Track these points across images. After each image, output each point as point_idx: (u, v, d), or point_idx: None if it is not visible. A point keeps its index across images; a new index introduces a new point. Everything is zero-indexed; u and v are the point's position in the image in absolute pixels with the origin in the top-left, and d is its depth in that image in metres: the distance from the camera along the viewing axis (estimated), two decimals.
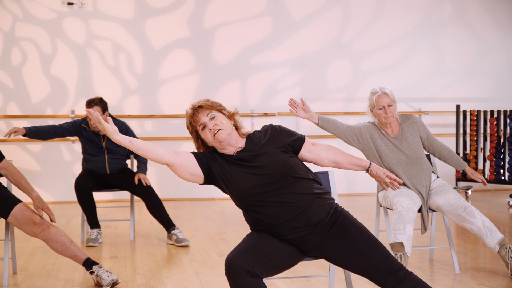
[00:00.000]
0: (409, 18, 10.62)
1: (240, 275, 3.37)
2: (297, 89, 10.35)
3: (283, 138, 3.76)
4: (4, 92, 9.71)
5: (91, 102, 6.76)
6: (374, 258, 3.53)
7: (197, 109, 3.76)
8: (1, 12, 9.69)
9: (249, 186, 3.57)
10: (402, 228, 5.03)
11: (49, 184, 9.74)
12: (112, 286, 4.99)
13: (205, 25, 10.15)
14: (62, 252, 5.06)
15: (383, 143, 5.31)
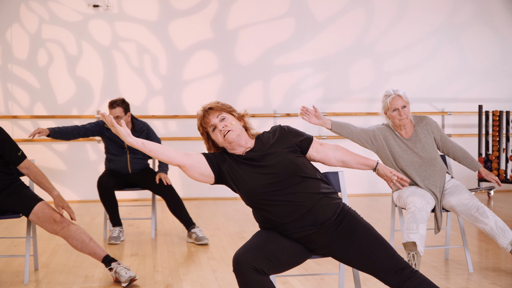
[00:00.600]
0: (431, 18, 10.63)
1: (247, 272, 3.47)
2: (320, 89, 10.42)
3: (291, 138, 3.84)
4: (30, 93, 9.91)
5: (113, 103, 6.92)
6: (380, 256, 3.60)
7: (207, 111, 3.84)
8: (28, 14, 9.88)
9: (257, 185, 3.66)
10: (415, 228, 5.08)
11: (74, 183, 9.92)
12: (130, 283, 5.11)
13: (228, 26, 10.27)
14: (82, 249, 5.19)
15: (397, 145, 5.36)
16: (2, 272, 5.59)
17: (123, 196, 9.72)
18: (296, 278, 5.27)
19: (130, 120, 7.07)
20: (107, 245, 6.76)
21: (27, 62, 9.91)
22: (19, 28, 9.88)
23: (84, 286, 5.17)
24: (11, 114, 9.85)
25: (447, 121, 10.65)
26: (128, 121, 7.04)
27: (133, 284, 5.17)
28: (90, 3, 9.98)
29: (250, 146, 3.83)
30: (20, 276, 5.42)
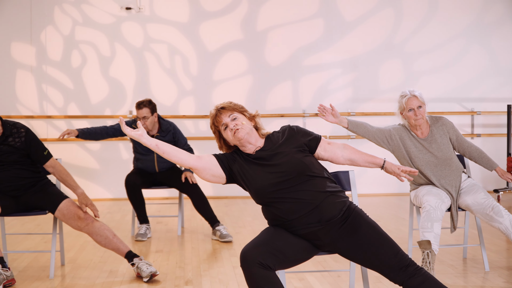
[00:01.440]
0: (461, 18, 10.64)
1: (253, 267, 3.60)
2: (349, 89, 10.51)
3: (299, 138, 3.98)
4: (64, 93, 10.16)
5: (140, 104, 7.10)
6: (384, 253, 3.70)
7: (220, 110, 4.03)
8: (62, 16, 10.14)
9: (266, 184, 3.80)
10: (429, 227, 5.15)
11: (107, 182, 10.15)
12: (151, 278, 5.27)
13: (258, 27, 10.40)
14: (106, 245, 5.38)
15: (413, 144, 5.44)
16: (30, 267, 5.80)
17: (153, 195, 9.93)
18: (313, 274, 5.39)
19: (157, 120, 7.24)
20: (134, 241, 6.94)
21: (61, 64, 10.17)
22: (53, 30, 10.14)
23: (107, 281, 5.35)
24: (45, 114, 10.11)
25: (476, 120, 10.65)
26: (155, 122, 7.21)
27: (154, 279, 5.34)
28: (122, 5, 10.20)
29: (260, 146, 3.97)
30: (46, 271, 5.62)
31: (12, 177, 5.39)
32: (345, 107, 10.43)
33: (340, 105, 10.41)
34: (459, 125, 10.55)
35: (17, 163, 5.42)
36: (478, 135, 10.57)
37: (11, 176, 5.38)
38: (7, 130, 5.39)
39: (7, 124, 5.42)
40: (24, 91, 10.13)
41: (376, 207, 9.19)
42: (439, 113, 10.32)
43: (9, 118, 9.81)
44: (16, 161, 5.41)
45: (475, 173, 10.18)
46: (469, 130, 10.64)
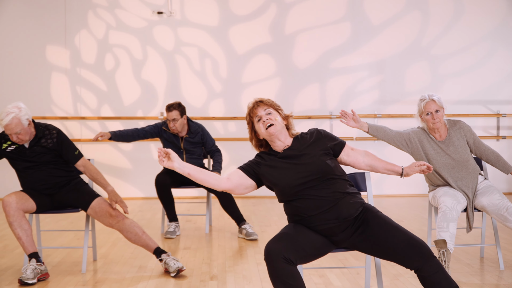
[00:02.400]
0: (486, 21, 10.77)
1: (277, 261, 3.82)
2: (375, 91, 10.69)
3: (326, 141, 4.22)
4: (98, 95, 10.49)
5: (170, 107, 7.38)
6: (395, 240, 3.88)
7: (258, 103, 4.26)
8: (96, 21, 10.47)
9: (292, 182, 4.04)
10: (445, 226, 5.34)
11: (139, 181, 10.45)
12: (178, 273, 5.53)
13: (286, 31, 10.63)
14: (135, 241, 5.65)
15: (431, 147, 5.63)
16: (63, 262, 6.09)
17: (183, 194, 10.22)
18: (333, 271, 5.60)
19: (186, 122, 7.50)
20: (164, 239, 7.20)
21: (94, 66, 10.49)
22: (87, 34, 10.47)
23: (137, 276, 5.61)
24: (79, 115, 10.45)
25: (502, 123, 10.76)
26: (184, 124, 7.47)
27: (180, 274, 5.59)
28: (154, 10, 10.50)
29: (288, 144, 4.21)
30: (79, 266, 5.90)
31: (46, 176, 5.67)
32: (372, 109, 10.62)
33: (367, 107, 10.60)
34: (484, 127, 10.69)
35: (51, 163, 5.70)
36: (503, 137, 10.69)
37: (46, 176, 5.67)
38: (39, 132, 5.68)
39: (39, 126, 5.71)
40: (58, 93, 10.48)
41: (401, 207, 9.37)
42: (465, 115, 10.47)
43: (44, 119, 10.18)
44: (50, 161, 5.69)
45: (495, 175, 10.29)
46: (494, 132, 10.77)
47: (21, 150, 5.62)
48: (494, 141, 10.73)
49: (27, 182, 5.68)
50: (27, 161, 5.63)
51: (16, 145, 5.62)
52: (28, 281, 5.26)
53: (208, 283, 5.38)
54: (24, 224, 5.41)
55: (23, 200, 5.48)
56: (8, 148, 5.60)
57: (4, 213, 5.47)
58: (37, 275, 5.36)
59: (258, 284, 5.31)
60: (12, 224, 5.39)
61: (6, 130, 5.48)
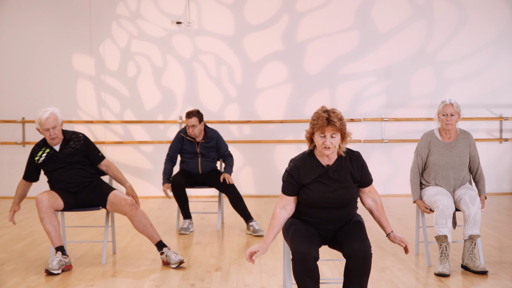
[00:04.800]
0: (490, 28, 11.27)
1: (310, 262, 4.39)
2: (383, 96, 11.26)
3: (361, 174, 4.60)
4: (121, 100, 11.20)
5: (190, 114, 8.04)
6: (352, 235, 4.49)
7: (330, 123, 4.42)
8: (119, 30, 11.17)
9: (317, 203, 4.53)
10: (444, 223, 5.97)
11: (159, 181, 11.11)
12: (179, 265, 6.19)
13: (297, 39, 11.25)
14: (142, 231, 6.31)
15: (435, 147, 6.26)
16: (86, 255, 6.78)
17: (199, 193, 10.89)
18: (327, 264, 6.21)
19: (203, 128, 8.15)
20: (178, 235, 7.86)
21: (118, 73, 11.20)
22: (111, 43, 11.18)
23: (150, 268, 6.27)
24: (104, 119, 11.16)
25: (505, 126, 11.27)
26: (201, 129, 8.12)
27: (190, 265, 6.25)
28: (173, 20, 11.17)
29: (330, 163, 4.55)
30: (99, 258, 6.59)
31: (75, 176, 6.39)
32: (379, 113, 11.19)
33: (374, 111, 11.19)
34: (488, 130, 11.21)
35: (79, 163, 6.43)
36: (506, 139, 11.21)
37: (74, 175, 6.38)
38: (67, 135, 6.43)
39: (66, 131, 6.43)
40: (84, 98, 11.20)
41: (403, 207, 9.93)
42: (469, 119, 11.01)
43: (71, 123, 10.94)
44: (78, 162, 6.42)
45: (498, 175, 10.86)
46: (497, 135, 11.28)
47: (53, 154, 6.34)
48: (497, 143, 11.25)
49: (56, 182, 6.38)
50: (59, 162, 6.35)
51: (47, 152, 6.34)
52: (53, 271, 5.95)
53: (213, 274, 6.02)
54: (54, 220, 6.11)
55: (54, 199, 6.18)
56: (40, 159, 6.34)
57: (36, 209, 6.17)
58: (62, 266, 6.05)
59: (258, 275, 5.95)
60: (43, 219, 6.09)
61: (44, 125, 6.22)
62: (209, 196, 11.04)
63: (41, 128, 6.25)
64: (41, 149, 6.37)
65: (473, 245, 5.98)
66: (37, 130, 6.32)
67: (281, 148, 11.16)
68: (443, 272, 5.85)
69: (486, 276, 5.84)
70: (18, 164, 11.08)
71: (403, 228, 8.13)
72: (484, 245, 7.03)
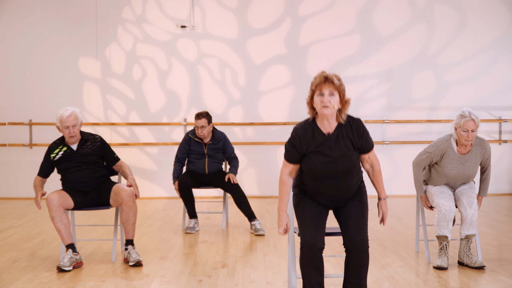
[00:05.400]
0: (490, 32, 11.47)
1: (318, 253, 4.58)
2: (384, 99, 11.45)
3: (361, 141, 4.57)
4: (126, 103, 11.40)
5: (199, 115, 8.25)
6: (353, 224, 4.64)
7: (328, 80, 4.45)
8: (124, 34, 11.38)
9: (317, 169, 4.58)
10: (445, 225, 6.19)
11: (164, 182, 11.33)
12: (136, 264, 6.37)
13: (300, 42, 11.45)
14: (124, 223, 6.49)
15: (449, 158, 6.25)
16: (96, 252, 6.98)
17: (204, 194, 11.08)
18: (329, 260, 6.41)
19: (211, 130, 8.35)
20: (184, 234, 8.05)
21: (123, 76, 11.41)
22: (117, 47, 11.38)
23: (158, 265, 6.46)
24: (109, 121, 11.36)
25: (504, 127, 11.47)
26: (210, 131, 8.32)
27: (197, 262, 6.44)
28: (178, 24, 11.37)
29: (331, 131, 4.53)
30: (109, 256, 6.79)
31: (88, 176, 6.60)
32: (380, 115, 11.39)
33: (375, 114, 11.38)
34: (487, 132, 11.39)
35: (94, 164, 6.65)
36: (504, 141, 11.40)
37: (87, 175, 6.59)
38: (85, 136, 6.68)
39: (84, 132, 6.69)
40: (90, 100, 11.40)
41: (404, 207, 10.12)
42: None
43: None
44: (93, 162, 6.65)
45: (498, 175, 11.07)
46: (496, 137, 11.48)
47: (70, 153, 6.58)
48: (496, 145, 11.44)
49: (69, 180, 6.59)
50: (75, 161, 6.58)
51: (64, 150, 6.57)
52: (65, 268, 6.15)
53: (219, 270, 6.21)
54: (64, 218, 6.31)
55: (64, 198, 6.37)
56: (56, 156, 6.56)
57: (47, 208, 6.36)
58: (72, 263, 6.25)
59: (263, 272, 6.14)
60: (54, 218, 6.28)
61: (64, 122, 6.47)
62: (214, 197, 11.23)
63: (61, 125, 6.48)
64: (58, 147, 6.60)
65: (469, 244, 6.19)
66: (57, 128, 6.56)
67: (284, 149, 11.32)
68: (441, 266, 6.07)
69: (484, 271, 6.03)
70: (26, 166, 11.30)
71: (404, 227, 8.32)
72: (483, 244, 7.22)
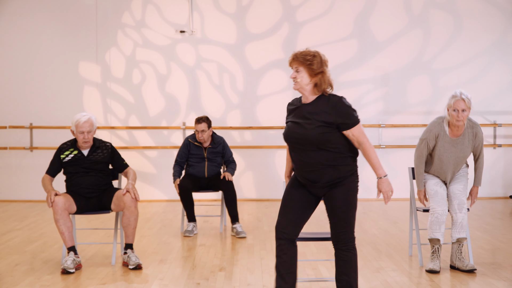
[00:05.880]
0: (485, 38, 11.64)
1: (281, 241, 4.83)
2: (380, 103, 11.61)
3: (336, 117, 4.65)
4: (126, 107, 11.55)
5: (200, 119, 8.41)
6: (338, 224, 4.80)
7: (292, 58, 4.78)
8: (124, 39, 11.53)
9: (287, 137, 4.82)
10: (438, 229, 6.33)
11: (163, 185, 11.48)
12: (136, 267, 6.51)
13: (297, 47, 11.55)
14: (125, 227, 6.63)
15: (442, 141, 6.29)
16: (96, 255, 7.12)
17: (203, 197, 11.22)
18: (324, 264, 6.55)
19: (211, 134, 8.50)
20: (183, 237, 8.19)
21: (123, 80, 11.55)
22: (117, 51, 11.53)
23: (158, 267, 6.60)
24: (109, 125, 11.51)
25: (498, 132, 11.62)
26: (209, 135, 8.47)
27: (194, 266, 6.59)
28: (177, 29, 11.52)
29: (308, 101, 4.73)
30: (109, 259, 6.93)
31: (94, 183, 6.76)
32: (376, 119, 11.54)
33: (372, 118, 11.53)
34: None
35: (101, 172, 6.83)
36: (499, 145, 11.56)
37: (94, 182, 6.75)
38: (96, 143, 6.82)
39: (96, 139, 6.84)
40: (90, 104, 11.55)
41: (399, 210, 10.27)
42: None
43: None
44: (102, 170, 6.82)
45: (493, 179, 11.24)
46: (491, 141, 11.63)
47: (79, 157, 6.73)
48: (491, 149, 11.60)
49: (74, 184, 6.74)
50: (83, 166, 6.73)
51: (74, 154, 6.71)
52: (70, 270, 6.31)
53: (217, 273, 6.35)
54: (68, 222, 6.45)
55: (69, 202, 6.53)
56: (66, 158, 6.71)
57: (52, 210, 6.50)
58: (75, 265, 6.40)
59: (259, 275, 6.28)
60: (58, 221, 6.42)
61: (80, 128, 6.62)
62: (212, 200, 11.37)
63: (76, 130, 6.64)
64: (69, 149, 6.75)
65: (460, 247, 6.32)
66: (71, 131, 6.72)
67: (282, 153, 11.49)
68: (433, 269, 6.22)
69: (475, 275, 6.18)
70: (26, 169, 11.45)
71: (398, 231, 8.47)
72: (475, 247, 7.36)
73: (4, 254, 7.25)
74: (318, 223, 8.61)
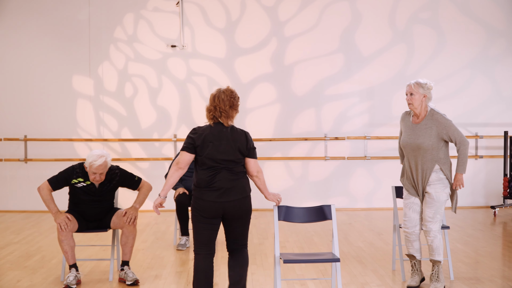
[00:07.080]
0: (467, 52, 12.00)
1: None
2: (365, 115, 11.95)
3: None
4: (119, 119, 11.84)
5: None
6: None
7: None
8: (116, 53, 11.82)
9: None
10: (410, 246, 6.67)
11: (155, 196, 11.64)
12: (134, 283, 6.81)
13: (285, 62, 11.93)
14: (123, 245, 6.92)
15: (405, 127, 6.63)
16: (93, 271, 7.42)
17: None
18: (313, 282, 6.88)
19: None
20: (176, 250, 8.50)
21: (115, 94, 11.85)
22: (109, 65, 11.83)
23: (154, 283, 6.91)
24: (102, 137, 11.81)
25: (480, 143, 11.99)
26: None
27: (189, 281, 6.89)
28: (168, 43, 11.83)
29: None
30: (106, 275, 7.23)
31: (100, 212, 7.04)
32: (362, 131, 11.89)
33: (357, 130, 11.88)
34: None
35: (109, 200, 7.09)
36: (480, 156, 11.93)
37: (100, 211, 7.03)
38: (107, 176, 6.97)
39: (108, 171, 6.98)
40: (83, 117, 11.83)
41: (384, 220, 10.60)
42: None
43: (71, 141, 11.56)
44: (110, 198, 7.08)
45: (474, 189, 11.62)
46: (473, 152, 12.00)
47: (91, 188, 6.93)
48: (473, 160, 11.96)
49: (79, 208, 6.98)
50: (93, 196, 6.96)
51: (87, 184, 6.90)
52: (73, 286, 6.62)
53: None
54: (71, 242, 6.75)
55: (74, 224, 6.82)
56: (78, 184, 6.90)
57: (57, 230, 6.74)
58: (76, 281, 6.70)
59: None
60: (63, 241, 6.70)
61: (94, 169, 6.76)
62: None
63: (89, 169, 6.80)
64: (82, 177, 6.90)
65: (436, 268, 6.56)
66: (84, 166, 6.86)
67: (270, 164, 11.81)
68: (411, 285, 6.58)
69: None
70: (21, 180, 11.72)
71: (383, 243, 8.80)
72: (456, 262, 7.70)
73: (5, 269, 7.53)
74: (310, 245, 8.88)
